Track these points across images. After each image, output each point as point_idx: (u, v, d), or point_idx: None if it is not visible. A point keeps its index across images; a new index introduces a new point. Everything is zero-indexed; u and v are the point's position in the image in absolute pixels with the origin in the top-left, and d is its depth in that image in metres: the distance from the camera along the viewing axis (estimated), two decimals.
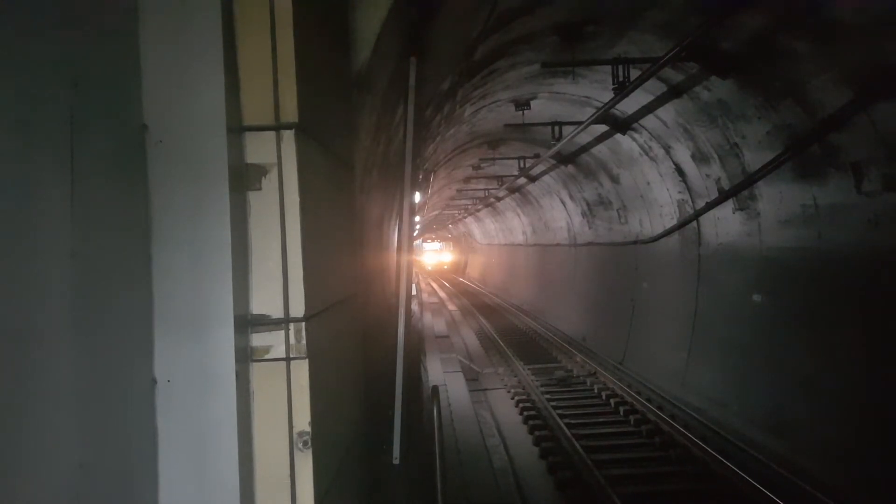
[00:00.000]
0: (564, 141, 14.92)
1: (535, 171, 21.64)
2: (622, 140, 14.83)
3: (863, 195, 8.72)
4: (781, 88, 9.37)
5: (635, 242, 17.11)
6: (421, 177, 13.24)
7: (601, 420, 12.16)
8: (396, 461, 4.69)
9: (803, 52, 8.44)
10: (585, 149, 16.99)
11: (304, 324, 2.91)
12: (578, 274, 23.20)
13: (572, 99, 14.27)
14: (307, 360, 2.91)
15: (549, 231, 27.47)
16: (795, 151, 9.74)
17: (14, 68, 1.91)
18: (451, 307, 30.58)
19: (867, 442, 8.46)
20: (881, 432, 8.31)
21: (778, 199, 10.69)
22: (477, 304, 33.37)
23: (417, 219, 25.66)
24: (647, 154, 14.49)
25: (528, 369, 16.30)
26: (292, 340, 2.90)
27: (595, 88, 12.87)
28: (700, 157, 12.48)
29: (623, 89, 10.20)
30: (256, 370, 2.85)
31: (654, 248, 16.08)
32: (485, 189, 31.35)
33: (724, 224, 12.59)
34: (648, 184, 15.37)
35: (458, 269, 66.86)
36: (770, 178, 10.62)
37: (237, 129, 2.86)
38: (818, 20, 7.84)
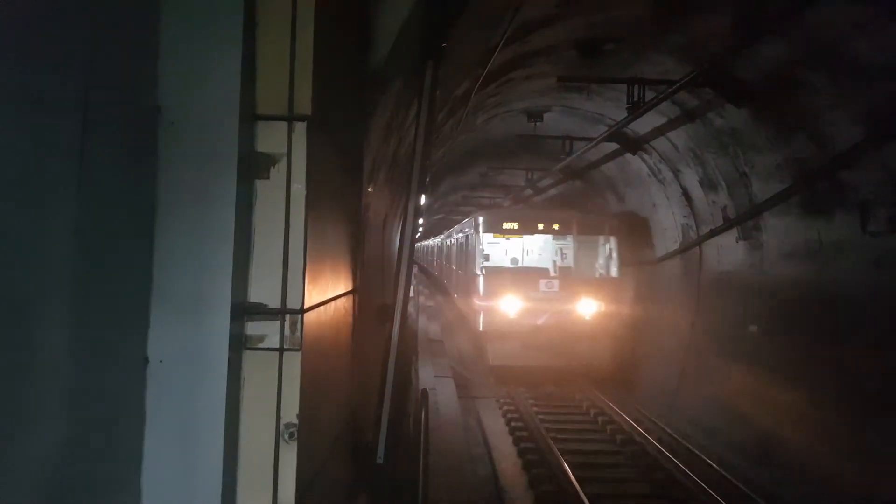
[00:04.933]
0: (575, 156, 14.93)
1: (542, 183, 21.64)
2: (632, 160, 14.83)
3: (867, 235, 8.72)
4: (794, 121, 9.38)
5: (639, 263, 17.08)
6: (428, 180, 13.26)
7: (587, 437, 12.13)
8: (381, 461, 4.68)
9: (819, 87, 8.45)
10: (594, 165, 17.00)
11: (299, 316, 2.91)
12: None
13: (585, 115, 14.28)
14: (300, 353, 2.91)
15: None
16: (804, 185, 9.74)
17: (31, 44, 1.92)
18: None
19: (857, 476, 8.42)
20: (874, 469, 8.28)
21: (783, 231, 10.69)
22: None
23: (421, 221, 25.67)
24: (655, 176, 14.49)
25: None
26: (287, 332, 2.90)
27: (609, 106, 12.88)
28: (708, 184, 12.49)
29: (637, 109, 10.22)
30: (249, 358, 2.85)
31: (654, 271, 16.07)
32: (490, 198, 31.36)
33: (727, 252, 12.57)
34: (654, 205, 15.37)
35: None
36: (776, 210, 10.62)
37: (250, 117, 2.87)
38: (837, 56, 7.86)
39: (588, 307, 15.73)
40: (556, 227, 17.09)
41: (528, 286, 15.90)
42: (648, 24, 9.13)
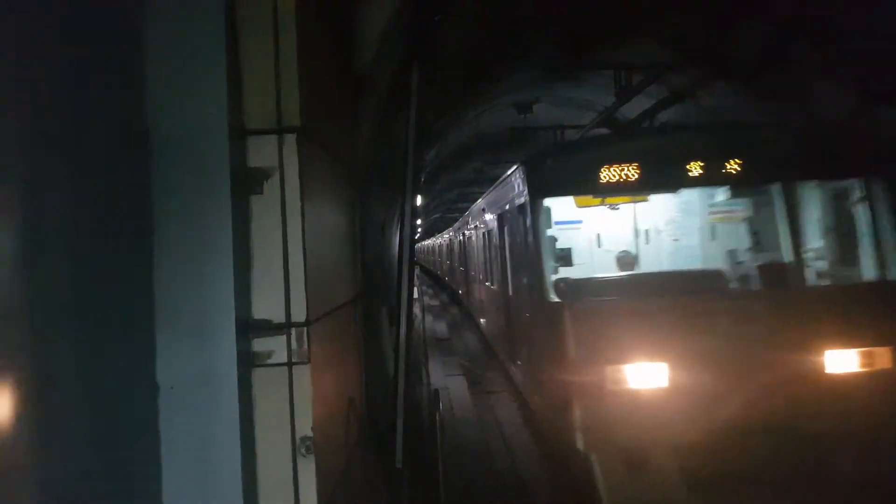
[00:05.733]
0: None
1: None
2: None
3: None
4: (785, 95, 9.34)
5: None
6: (423, 180, 13.23)
7: None
8: (399, 465, 4.67)
9: (809, 60, 8.42)
10: None
11: (305, 329, 2.90)
12: None
13: (575, 103, 14.25)
14: (309, 365, 2.89)
15: None
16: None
17: (18, 73, 1.90)
18: None
19: None
20: None
21: None
22: None
23: (419, 222, 25.66)
24: None
25: None
26: (294, 345, 2.88)
27: (598, 93, 12.84)
28: None
29: (625, 94, 10.20)
30: (258, 375, 2.83)
31: None
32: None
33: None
34: None
35: None
36: None
37: (240, 133, 2.85)
38: (825, 28, 7.82)
39: (856, 362, 5.72)
40: (734, 165, 6.25)
41: (681, 320, 5.93)
42: (632, 9, 9.10)
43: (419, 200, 12.54)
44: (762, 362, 5.52)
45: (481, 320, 15.39)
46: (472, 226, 15.13)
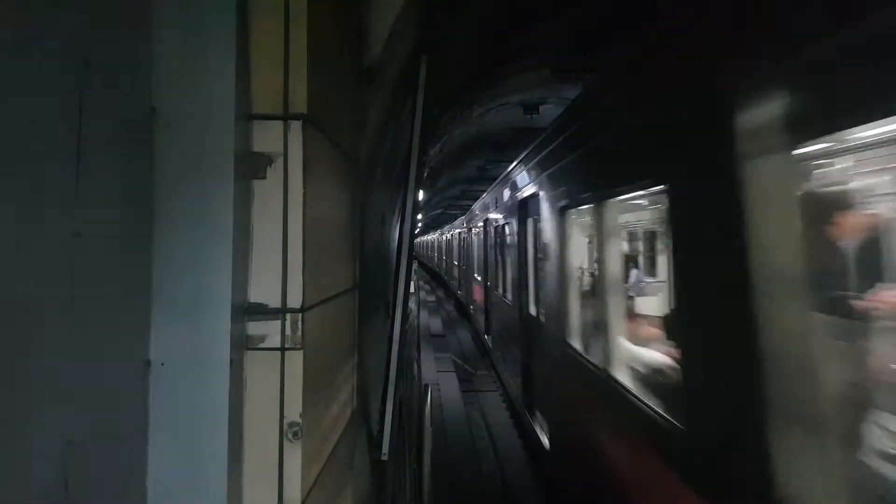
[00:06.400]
0: None
1: None
2: None
3: None
4: None
5: None
6: (426, 174, 13.24)
7: None
8: (385, 457, 4.69)
9: None
10: None
11: (300, 315, 2.91)
12: None
13: None
14: (302, 352, 2.91)
15: None
16: None
17: (24, 45, 1.91)
18: None
19: None
20: None
21: None
22: None
23: (419, 217, 25.66)
24: None
25: None
26: (288, 331, 2.90)
27: None
28: None
29: None
30: (250, 358, 2.85)
31: None
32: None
33: None
34: None
35: None
36: None
37: (245, 117, 2.86)
38: None
39: None
40: None
41: None
42: (642, 7, 9.09)
43: (421, 195, 12.50)
44: None
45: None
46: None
